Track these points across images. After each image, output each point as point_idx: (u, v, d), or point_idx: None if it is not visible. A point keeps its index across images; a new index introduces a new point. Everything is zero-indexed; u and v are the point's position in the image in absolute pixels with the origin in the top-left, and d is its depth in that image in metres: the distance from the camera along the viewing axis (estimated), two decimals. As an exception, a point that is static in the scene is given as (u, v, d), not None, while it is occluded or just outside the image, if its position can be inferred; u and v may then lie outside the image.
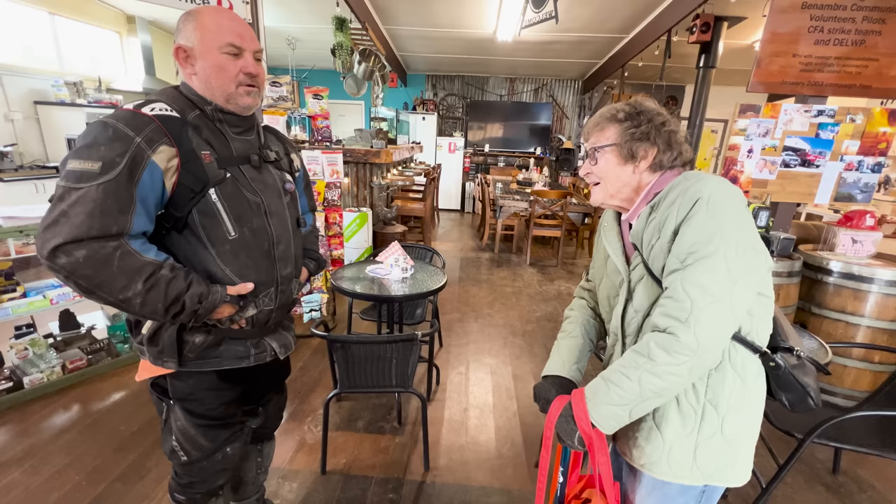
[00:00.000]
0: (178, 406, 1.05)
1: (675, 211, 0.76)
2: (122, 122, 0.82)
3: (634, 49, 5.14)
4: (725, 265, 0.70)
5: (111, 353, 2.46)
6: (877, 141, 2.48)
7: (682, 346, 0.71)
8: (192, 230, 0.92)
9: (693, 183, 0.76)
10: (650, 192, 0.84)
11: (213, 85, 0.93)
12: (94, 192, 0.77)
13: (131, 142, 0.81)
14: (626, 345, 0.89)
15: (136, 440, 1.87)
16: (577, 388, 0.94)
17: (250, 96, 0.97)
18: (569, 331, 1.05)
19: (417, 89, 8.29)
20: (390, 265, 2.12)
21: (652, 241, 0.80)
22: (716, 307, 0.70)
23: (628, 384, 0.76)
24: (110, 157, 0.79)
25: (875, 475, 1.85)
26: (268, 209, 1.00)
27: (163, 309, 0.85)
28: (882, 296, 2.15)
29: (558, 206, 4.75)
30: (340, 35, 4.10)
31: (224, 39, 0.92)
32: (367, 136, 4.19)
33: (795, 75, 2.41)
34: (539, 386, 0.97)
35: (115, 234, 0.80)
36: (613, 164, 0.86)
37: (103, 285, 0.80)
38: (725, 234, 0.71)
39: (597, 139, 0.88)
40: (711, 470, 0.81)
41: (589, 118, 0.90)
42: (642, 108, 0.85)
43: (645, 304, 0.83)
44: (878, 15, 2.27)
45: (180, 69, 0.96)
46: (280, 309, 1.09)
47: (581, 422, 0.81)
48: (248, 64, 0.95)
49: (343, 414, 2.12)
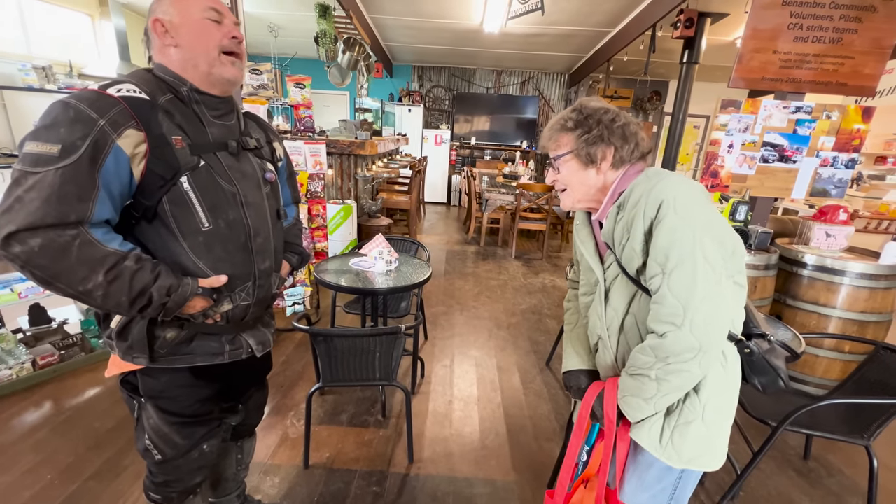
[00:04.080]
0: (150, 404, 1.02)
1: (642, 212, 0.77)
2: (84, 102, 0.77)
3: (620, 43, 5.17)
4: (705, 262, 0.72)
5: (85, 349, 2.38)
6: (851, 137, 2.55)
7: (684, 347, 0.74)
8: (163, 220, 0.88)
9: (655, 183, 0.78)
10: (615, 191, 0.86)
11: (198, 51, 0.90)
12: (52, 177, 0.73)
13: (94, 124, 0.77)
14: (610, 345, 0.91)
15: (111, 437, 1.82)
16: (597, 372, 1.02)
17: (235, 66, 0.94)
18: (574, 322, 1.09)
19: (404, 80, 8.19)
20: (374, 258, 2.10)
21: (622, 241, 0.82)
22: (708, 304, 0.72)
23: (649, 383, 0.80)
24: (70, 139, 0.75)
25: (843, 460, 1.93)
26: (244, 199, 0.97)
27: (127, 302, 0.81)
28: (853, 288, 2.22)
29: (544, 199, 4.77)
30: (324, 23, 4.01)
31: (204, 3, 0.91)
32: (351, 128, 4.12)
33: (775, 72, 2.45)
34: (569, 376, 1.04)
35: (74, 222, 0.75)
36: (575, 169, 0.88)
37: (61, 276, 0.76)
38: (698, 233, 0.73)
39: (554, 150, 0.90)
40: (690, 455, 0.83)
41: (548, 126, 0.93)
42: (589, 111, 0.86)
43: (622, 304, 0.85)
44: (855, 13, 2.32)
45: (156, 44, 0.91)
46: (258, 304, 1.06)
47: (607, 405, 0.88)
48: (231, 29, 0.93)
49: (326, 408, 2.11)
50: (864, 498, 1.71)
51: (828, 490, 1.76)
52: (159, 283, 0.84)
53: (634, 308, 0.85)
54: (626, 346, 0.88)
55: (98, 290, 0.78)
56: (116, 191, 0.81)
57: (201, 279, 0.92)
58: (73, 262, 0.75)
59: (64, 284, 0.77)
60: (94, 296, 0.79)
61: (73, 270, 0.76)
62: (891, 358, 1.61)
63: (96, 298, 0.79)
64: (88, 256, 0.77)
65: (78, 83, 4.46)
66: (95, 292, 0.79)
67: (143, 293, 0.82)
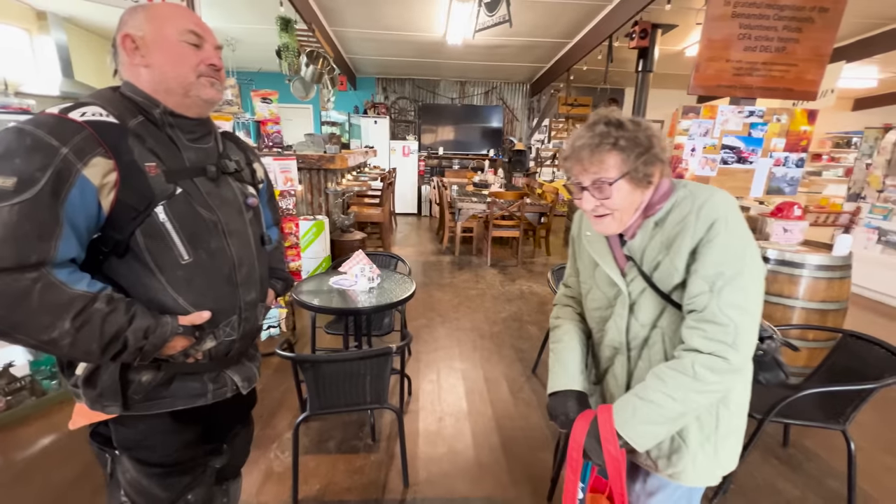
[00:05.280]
0: (127, 456, 0.92)
1: (690, 230, 0.76)
2: (43, 128, 0.69)
3: (579, 53, 5.36)
4: (752, 281, 0.73)
5: (35, 393, 2.16)
6: (799, 138, 2.73)
7: (731, 366, 0.73)
8: (136, 255, 0.79)
9: (704, 201, 0.76)
10: (648, 206, 0.83)
11: (170, 76, 0.82)
12: (7, 215, 0.64)
13: (55, 153, 0.68)
14: (630, 358, 0.89)
15: (74, 491, 1.65)
16: (585, 395, 0.93)
17: (213, 87, 0.87)
18: (565, 340, 1.01)
19: (368, 92, 8.13)
20: (355, 275, 2.03)
21: (658, 258, 0.80)
22: (753, 323, 0.73)
23: (671, 404, 0.75)
24: (28, 171, 0.66)
25: (818, 445, 2.03)
26: (226, 228, 0.90)
27: (99, 349, 0.73)
28: (812, 279, 2.36)
29: (516, 207, 4.83)
30: (286, 36, 3.92)
31: (183, 25, 0.83)
32: (319, 141, 4.02)
33: (729, 79, 2.60)
34: (554, 402, 0.93)
35: (34, 264, 0.67)
36: (628, 192, 0.79)
37: (20, 326, 0.67)
38: (748, 252, 0.74)
39: (600, 172, 0.79)
40: (726, 465, 0.84)
41: (579, 146, 0.80)
42: (634, 127, 0.78)
43: (651, 317, 0.83)
44: (796, 24, 2.50)
45: (124, 60, 0.83)
46: (243, 339, 0.98)
47: (607, 442, 0.79)
48: (210, 55, 0.86)
49: (312, 435, 2.00)
50: (840, 479, 1.79)
51: (808, 475, 1.84)
52: (135, 326, 0.76)
53: (663, 322, 0.83)
54: (647, 360, 0.86)
55: (65, 339, 0.70)
56: (83, 225, 0.73)
57: (181, 317, 0.84)
58: (35, 308, 0.67)
59: (24, 335, 0.68)
60: (59, 345, 0.70)
61: (35, 318, 0.67)
62: (857, 345, 1.71)
63: (62, 348, 0.71)
64: (52, 301, 0.68)
65: (14, 101, 4.13)
66: (62, 341, 0.70)
67: (117, 338, 0.74)
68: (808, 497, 1.73)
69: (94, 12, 4.80)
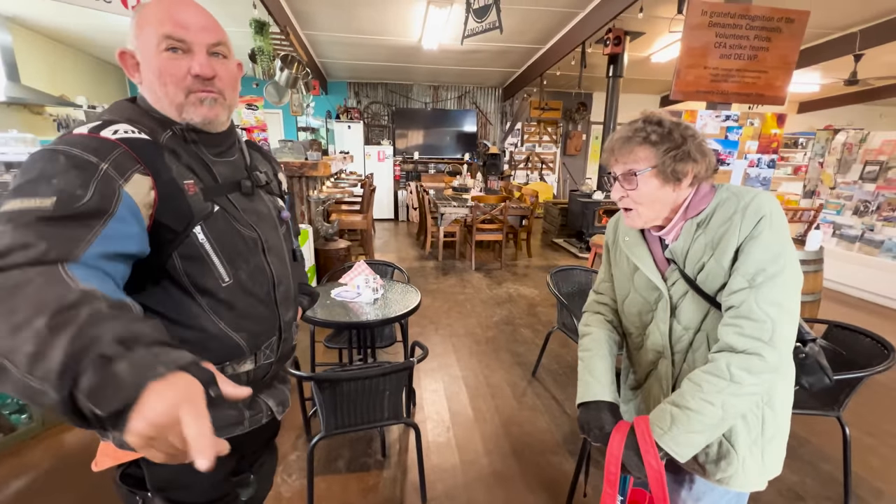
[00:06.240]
0: (160, 497, 0.84)
1: (737, 228, 0.76)
2: (77, 147, 0.62)
3: (552, 59, 5.49)
4: (793, 279, 0.73)
5: (3, 429, 1.96)
6: (770, 141, 2.91)
7: (767, 365, 0.72)
8: (174, 279, 0.73)
9: (751, 199, 0.78)
10: (691, 209, 0.84)
11: (159, 95, 0.72)
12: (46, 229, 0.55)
13: (95, 169, 0.61)
14: (675, 362, 0.89)
15: (59, 536, 1.50)
16: (617, 406, 0.92)
17: (204, 105, 0.74)
18: (594, 350, 0.99)
19: (340, 97, 7.99)
20: (358, 286, 1.97)
21: (703, 259, 0.80)
22: (792, 322, 0.73)
23: (711, 410, 0.74)
24: (68, 189, 0.58)
25: (808, 431, 2.14)
26: (266, 245, 0.84)
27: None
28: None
29: (498, 210, 4.87)
30: (260, 39, 3.78)
31: (159, 31, 0.69)
32: (299, 148, 3.90)
33: (707, 85, 2.73)
34: (587, 415, 0.91)
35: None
36: (655, 186, 0.81)
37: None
38: (788, 249, 0.74)
39: (630, 163, 0.82)
40: (773, 469, 0.84)
41: (616, 138, 0.85)
42: (671, 125, 0.81)
43: (695, 320, 0.83)
44: (766, 34, 2.67)
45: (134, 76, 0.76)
46: (280, 360, 0.93)
47: (647, 454, 0.77)
48: (195, 63, 0.71)
49: (320, 455, 1.92)
50: (832, 462, 1.91)
51: (803, 460, 1.94)
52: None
53: (707, 325, 0.84)
54: (692, 363, 0.87)
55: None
56: (126, 247, 0.65)
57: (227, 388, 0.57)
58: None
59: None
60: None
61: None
62: (842, 334, 1.82)
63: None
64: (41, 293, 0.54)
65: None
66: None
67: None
68: (806, 481, 1.82)
69: (41, 12, 4.44)
